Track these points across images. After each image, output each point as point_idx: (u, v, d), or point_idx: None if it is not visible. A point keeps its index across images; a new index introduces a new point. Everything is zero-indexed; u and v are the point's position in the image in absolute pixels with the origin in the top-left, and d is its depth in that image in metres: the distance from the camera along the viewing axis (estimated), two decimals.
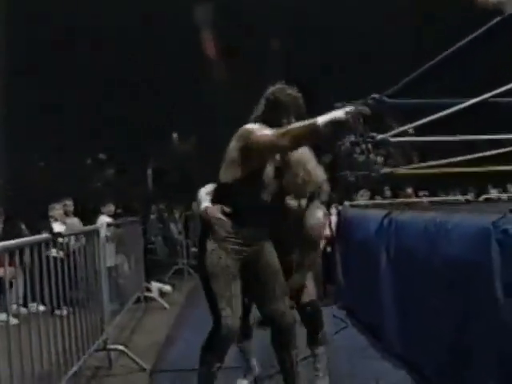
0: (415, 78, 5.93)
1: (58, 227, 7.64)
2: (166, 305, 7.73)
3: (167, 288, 8.59)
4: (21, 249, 3.53)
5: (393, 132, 6.77)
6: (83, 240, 7.96)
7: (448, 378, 3.71)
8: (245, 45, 16.40)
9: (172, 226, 12.14)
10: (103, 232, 4.97)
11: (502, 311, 2.96)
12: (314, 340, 3.99)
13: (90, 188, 16.69)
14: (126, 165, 17.98)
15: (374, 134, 7.67)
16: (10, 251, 3.34)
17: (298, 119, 3.33)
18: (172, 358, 5.10)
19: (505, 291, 2.93)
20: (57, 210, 7.85)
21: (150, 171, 18.59)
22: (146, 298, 7.88)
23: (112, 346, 4.96)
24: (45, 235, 3.82)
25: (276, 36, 16.86)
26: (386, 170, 8.81)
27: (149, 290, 8.22)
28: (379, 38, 15.97)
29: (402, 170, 7.76)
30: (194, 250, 11.66)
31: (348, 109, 3.03)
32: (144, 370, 4.82)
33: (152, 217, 12.14)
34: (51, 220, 7.82)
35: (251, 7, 16.40)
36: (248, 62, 16.22)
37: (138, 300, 7.46)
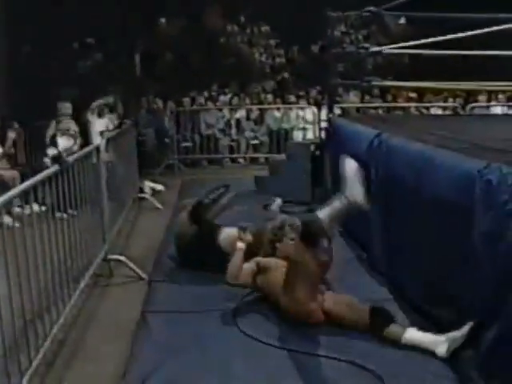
0: None
1: (63, 142, 7.78)
2: (159, 205, 7.98)
3: (160, 187, 8.79)
4: None
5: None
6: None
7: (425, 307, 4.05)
8: None
9: (164, 118, 12.17)
10: (102, 147, 5.10)
11: (479, 256, 3.21)
12: None
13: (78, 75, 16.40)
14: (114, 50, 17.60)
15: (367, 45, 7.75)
16: None
17: None
18: (167, 265, 5.38)
19: (483, 239, 3.17)
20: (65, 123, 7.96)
21: (137, 57, 18.14)
22: (139, 198, 8.11)
23: (113, 257, 5.24)
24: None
25: None
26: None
27: (141, 189, 8.45)
28: None
29: (392, 83, 7.83)
30: (184, 144, 11.84)
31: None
32: (142, 278, 5.13)
33: (143, 110, 12.19)
34: (58, 134, 7.94)
35: None
36: None
37: (132, 201, 7.70)
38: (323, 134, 7.98)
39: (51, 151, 7.71)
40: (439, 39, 6.62)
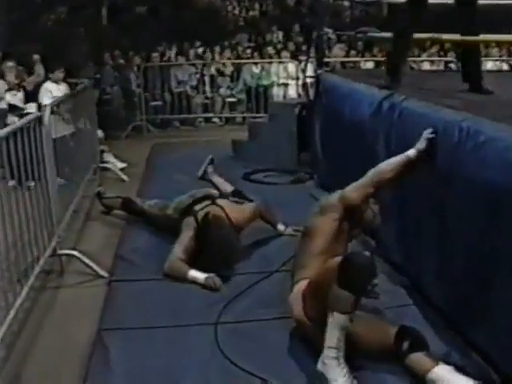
0: None
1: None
2: (125, 176, 6.96)
3: (122, 165, 7.55)
4: None
5: None
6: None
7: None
8: None
9: (131, 76, 11.01)
10: (46, 118, 4.07)
11: None
12: None
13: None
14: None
15: None
16: None
17: None
18: (132, 259, 4.36)
19: None
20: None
21: (104, 10, 16.96)
22: (101, 169, 7.06)
23: (63, 252, 4.24)
24: None
25: None
26: None
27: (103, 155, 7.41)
28: None
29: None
30: (153, 104, 10.79)
31: None
32: (101, 277, 4.16)
33: (107, 66, 11.05)
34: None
35: None
36: None
37: (93, 172, 6.68)
38: (310, 93, 7.01)
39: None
40: None
